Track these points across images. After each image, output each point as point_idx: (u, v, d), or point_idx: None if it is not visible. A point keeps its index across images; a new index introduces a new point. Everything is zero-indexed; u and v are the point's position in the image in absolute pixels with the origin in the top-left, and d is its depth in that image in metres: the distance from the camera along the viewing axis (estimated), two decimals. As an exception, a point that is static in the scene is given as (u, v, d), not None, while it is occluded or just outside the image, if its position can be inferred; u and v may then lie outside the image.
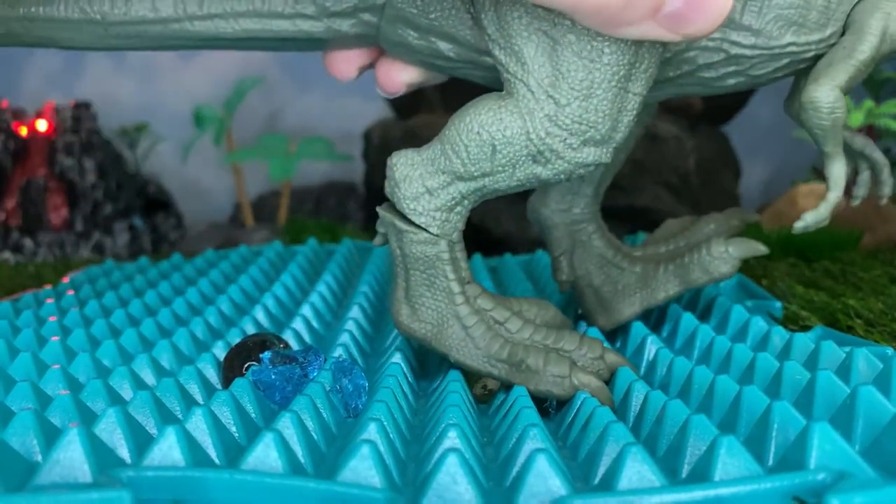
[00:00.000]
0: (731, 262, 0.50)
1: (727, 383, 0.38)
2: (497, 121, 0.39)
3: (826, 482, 0.27)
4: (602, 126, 0.39)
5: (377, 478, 0.29)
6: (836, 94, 0.41)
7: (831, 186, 0.43)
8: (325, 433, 0.36)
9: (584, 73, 0.38)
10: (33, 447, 0.32)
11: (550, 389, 0.41)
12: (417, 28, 0.41)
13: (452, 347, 0.43)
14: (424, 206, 0.41)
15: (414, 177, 0.41)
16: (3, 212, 1.08)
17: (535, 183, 0.41)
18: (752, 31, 0.41)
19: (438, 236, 0.41)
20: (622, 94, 0.39)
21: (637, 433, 0.37)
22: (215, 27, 0.44)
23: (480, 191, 0.41)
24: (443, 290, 0.42)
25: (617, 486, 0.29)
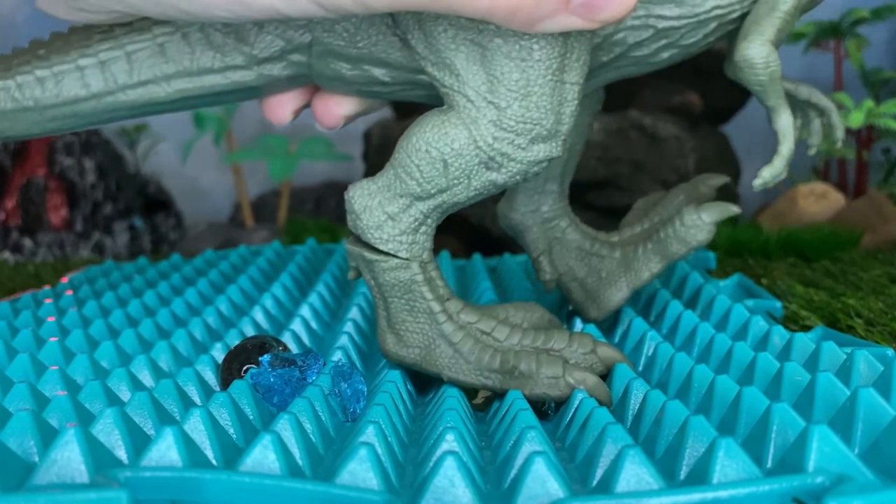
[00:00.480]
0: (706, 227, 0.50)
1: (727, 383, 0.38)
2: (443, 135, 0.39)
3: (825, 485, 0.27)
4: (546, 121, 0.39)
5: (375, 480, 0.29)
6: (767, 49, 0.42)
7: (782, 139, 0.44)
8: (324, 436, 0.36)
9: (518, 73, 0.38)
10: (31, 448, 0.32)
11: (546, 392, 0.41)
12: (348, 59, 0.42)
13: (443, 367, 0.43)
14: (389, 233, 0.41)
15: (373, 206, 0.41)
16: (3, 211, 1.08)
17: (493, 189, 0.41)
18: (675, 2, 0.41)
19: (409, 260, 0.42)
20: (560, 87, 0.39)
21: (635, 433, 0.37)
22: (149, 93, 0.43)
23: (441, 207, 0.41)
24: (424, 312, 0.42)
25: (615, 489, 0.29)
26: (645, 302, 0.57)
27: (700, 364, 0.41)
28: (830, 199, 0.93)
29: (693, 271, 0.61)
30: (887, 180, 1.05)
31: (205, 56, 0.43)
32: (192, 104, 0.45)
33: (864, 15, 1.00)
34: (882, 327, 0.53)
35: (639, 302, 0.58)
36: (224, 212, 1.30)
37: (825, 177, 1.07)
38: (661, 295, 0.56)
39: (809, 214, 0.92)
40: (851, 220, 0.87)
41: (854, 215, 0.88)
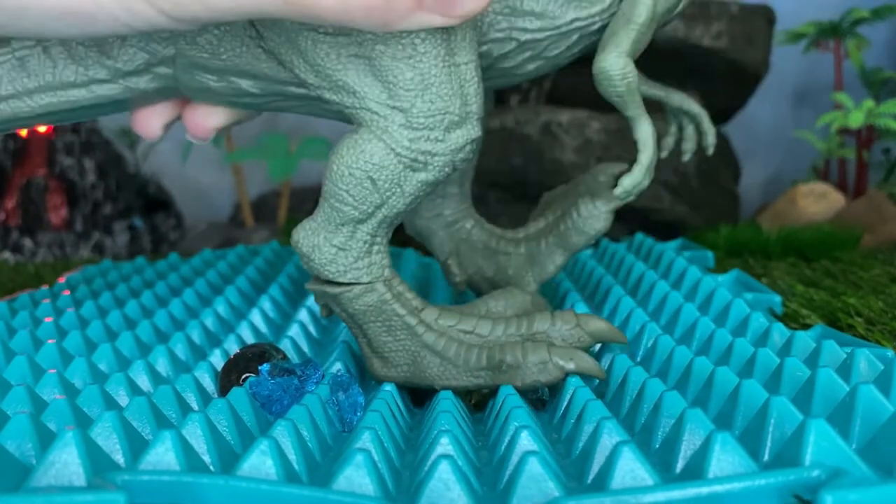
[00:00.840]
0: (603, 216, 0.50)
1: (726, 376, 0.38)
2: (360, 154, 0.39)
3: (821, 479, 0.27)
4: (453, 107, 0.39)
5: (371, 486, 0.29)
6: (623, 61, 0.42)
7: (641, 147, 0.44)
8: (321, 443, 0.36)
9: (410, 71, 0.38)
10: (28, 451, 0.32)
11: (537, 379, 0.41)
12: (214, 71, 0.41)
13: (434, 377, 0.43)
14: (344, 264, 0.41)
15: (320, 243, 0.41)
16: (3, 211, 1.08)
17: (427, 188, 0.41)
18: (535, 15, 0.42)
19: (371, 283, 0.42)
20: (454, 70, 0.39)
21: (632, 423, 0.37)
22: (12, 109, 0.42)
23: (384, 222, 0.41)
24: (402, 329, 0.42)
25: (610, 485, 0.29)
26: (643, 295, 0.57)
27: (700, 356, 0.41)
28: (830, 199, 0.93)
29: (691, 266, 0.61)
30: (887, 180, 1.05)
31: (67, 70, 0.42)
32: (59, 118, 0.44)
33: (864, 15, 0.99)
34: (882, 326, 0.52)
35: (637, 294, 0.58)
36: (224, 212, 1.30)
37: (825, 177, 1.07)
38: (659, 287, 0.56)
39: (809, 214, 0.92)
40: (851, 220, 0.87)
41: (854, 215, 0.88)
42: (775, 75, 1.03)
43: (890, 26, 1.15)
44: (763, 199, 1.19)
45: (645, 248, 0.71)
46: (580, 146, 0.86)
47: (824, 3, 1.12)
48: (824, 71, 1.12)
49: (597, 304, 0.58)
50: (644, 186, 0.45)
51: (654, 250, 0.69)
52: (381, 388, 0.42)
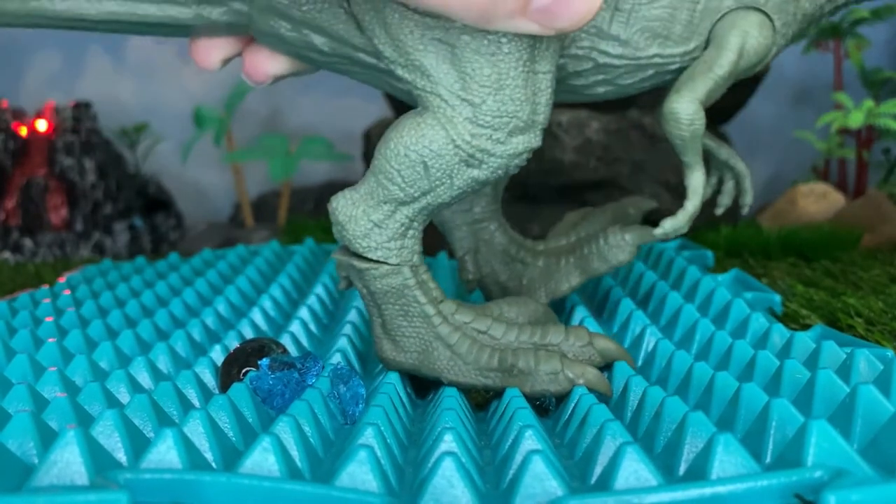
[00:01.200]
0: (628, 249, 0.51)
1: (726, 380, 0.38)
2: (420, 137, 0.39)
3: (823, 480, 0.27)
4: (522, 113, 0.39)
5: (374, 482, 0.29)
6: (695, 107, 0.42)
7: (690, 195, 0.44)
8: (323, 438, 0.36)
9: (489, 67, 0.38)
10: (30, 449, 0.32)
11: (546, 388, 0.41)
12: (290, 20, 0.41)
13: (442, 369, 0.43)
14: (376, 241, 0.41)
15: (358, 215, 0.41)
16: (3, 211, 1.08)
17: (477, 186, 0.41)
18: (619, 41, 0.42)
19: (399, 265, 0.42)
20: (532, 77, 0.39)
21: (634, 429, 0.37)
22: (77, 7, 0.42)
23: (426, 209, 0.41)
24: (419, 316, 0.42)
25: (613, 486, 0.29)
26: (643, 295, 0.57)
27: (700, 361, 0.41)
28: (830, 199, 0.93)
29: (691, 266, 0.61)
30: (887, 180, 1.05)
31: None
32: (120, 28, 0.43)
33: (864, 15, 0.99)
34: (882, 326, 0.53)
35: (637, 295, 0.58)
36: (224, 212, 1.30)
37: (825, 177, 1.07)
38: (659, 287, 0.56)
39: (809, 214, 0.92)
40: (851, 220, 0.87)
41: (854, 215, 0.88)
42: (775, 75, 1.03)
43: (890, 26, 1.15)
44: (763, 199, 1.19)
45: (645, 248, 0.71)
46: (580, 146, 0.86)
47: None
48: (824, 71, 1.12)
49: (597, 306, 0.58)
50: (683, 231, 0.45)
51: (654, 250, 0.69)
52: (382, 380, 0.42)
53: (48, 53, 1.27)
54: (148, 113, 1.27)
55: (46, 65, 1.28)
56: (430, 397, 0.45)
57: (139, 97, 1.29)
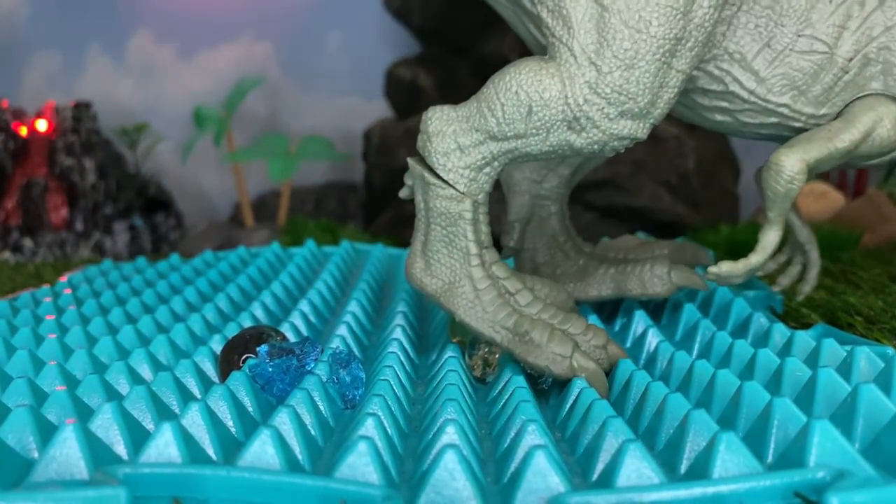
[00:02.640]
0: (668, 285, 0.50)
1: (728, 378, 0.38)
2: (536, 82, 0.39)
3: (826, 480, 0.27)
4: (641, 99, 0.39)
5: (375, 474, 0.29)
6: (801, 167, 0.42)
7: (758, 250, 0.44)
8: (323, 427, 0.36)
9: (629, 42, 0.38)
10: (29, 444, 0.32)
11: (549, 366, 0.41)
12: None
13: (460, 307, 0.43)
14: (454, 163, 0.41)
15: (447, 132, 0.41)
16: (3, 211, 1.08)
17: (567, 151, 0.40)
18: (757, 77, 0.42)
19: (464, 194, 0.42)
20: (665, 69, 0.39)
21: (636, 425, 0.37)
22: None
23: (511, 153, 0.41)
24: (460, 250, 0.43)
25: (615, 483, 0.29)
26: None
27: (700, 359, 0.41)
28: (830, 199, 0.93)
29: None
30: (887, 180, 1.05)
31: None
32: None
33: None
34: (882, 325, 0.52)
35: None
36: (224, 212, 1.30)
37: (825, 177, 1.07)
38: None
39: (809, 214, 0.92)
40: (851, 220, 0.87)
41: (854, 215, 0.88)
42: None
43: (890, 27, 1.15)
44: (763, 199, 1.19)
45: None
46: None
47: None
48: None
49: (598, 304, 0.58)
50: (735, 282, 0.45)
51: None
52: (381, 364, 0.42)
53: (48, 53, 1.27)
54: (148, 113, 1.27)
55: (46, 65, 1.28)
56: (431, 373, 0.44)
57: (139, 97, 1.29)
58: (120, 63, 1.28)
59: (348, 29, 1.26)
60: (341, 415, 0.39)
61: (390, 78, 1.14)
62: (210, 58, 1.27)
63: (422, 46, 1.16)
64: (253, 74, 1.19)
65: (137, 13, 1.27)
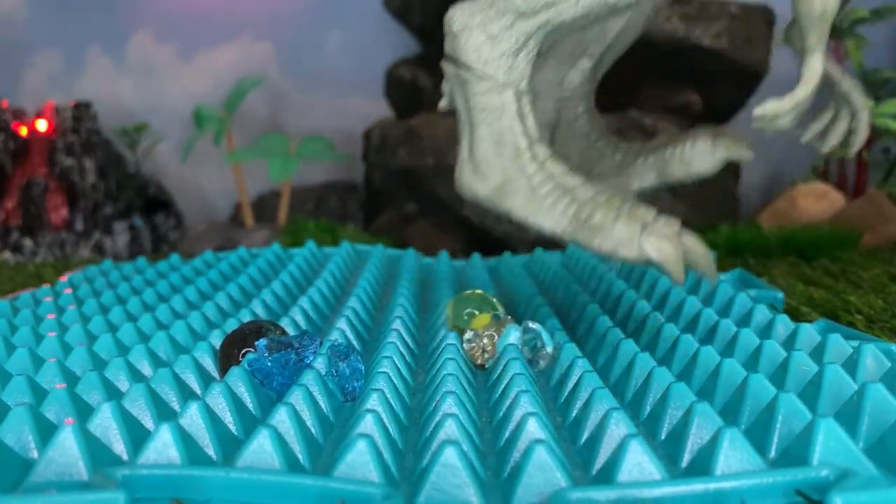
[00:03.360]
0: (714, 160, 0.47)
1: (733, 368, 0.37)
2: None
3: (829, 479, 0.27)
4: None
5: (374, 472, 0.29)
6: None
7: (802, 83, 0.41)
8: (323, 423, 0.35)
9: None
10: (29, 443, 0.32)
11: (616, 248, 0.38)
12: None
13: (517, 207, 0.40)
14: (488, 54, 0.39)
15: (473, 25, 0.39)
16: (3, 212, 1.08)
17: (604, 10, 0.38)
18: None
19: (505, 84, 0.40)
20: None
21: (638, 411, 0.37)
22: None
23: (545, 26, 0.39)
24: (509, 146, 0.40)
25: (616, 478, 0.29)
26: (646, 289, 0.57)
27: (705, 346, 0.41)
28: (830, 199, 0.93)
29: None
30: (887, 180, 1.05)
31: None
32: None
33: (864, 15, 1.00)
34: (883, 324, 0.52)
35: (640, 289, 0.58)
36: (224, 212, 1.30)
37: (825, 177, 1.07)
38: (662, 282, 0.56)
39: (809, 214, 0.92)
40: (851, 220, 0.87)
41: (854, 215, 0.88)
42: (775, 75, 1.03)
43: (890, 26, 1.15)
44: (763, 199, 1.19)
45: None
46: (580, 146, 0.86)
47: (824, 3, 1.12)
48: (824, 71, 1.12)
49: (599, 300, 0.58)
50: (782, 125, 0.41)
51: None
52: (380, 355, 0.42)
53: (48, 53, 1.27)
54: (148, 113, 1.27)
55: (46, 65, 1.28)
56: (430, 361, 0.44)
57: (139, 97, 1.29)
58: (120, 63, 1.28)
59: (348, 29, 1.26)
60: (341, 408, 0.39)
61: (390, 78, 1.14)
62: (210, 58, 1.27)
63: (422, 46, 1.15)
64: (253, 74, 1.19)
65: (137, 13, 1.27)
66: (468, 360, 0.44)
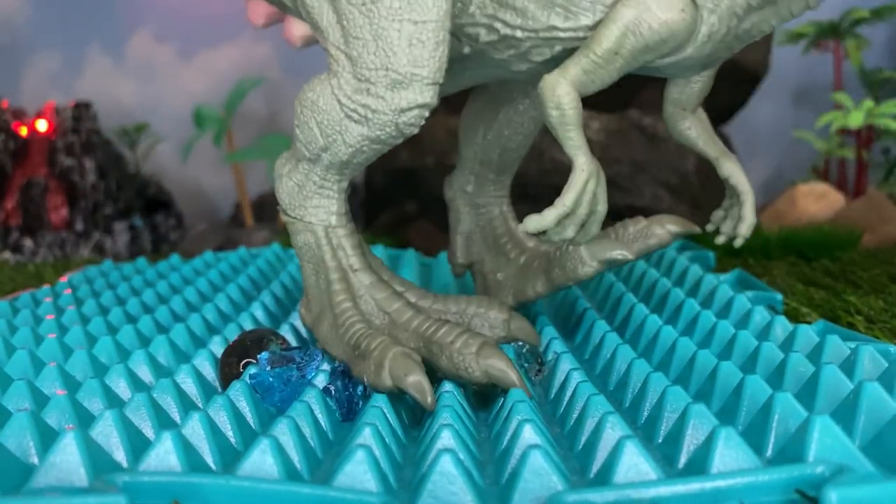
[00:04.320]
0: (588, 266, 0.46)
1: (729, 369, 0.38)
2: (311, 94, 0.40)
3: (825, 476, 0.27)
4: (398, 64, 0.37)
5: (373, 482, 0.29)
6: (562, 87, 0.37)
7: (565, 190, 0.38)
8: (322, 438, 0.36)
9: (362, 19, 0.38)
10: (29, 449, 0.32)
11: (365, 376, 0.39)
12: None
13: (322, 337, 0.43)
14: (296, 199, 0.43)
15: (284, 174, 0.43)
16: (3, 212, 1.08)
17: (373, 145, 0.40)
18: (515, 10, 0.39)
19: (312, 223, 0.43)
20: (409, 26, 0.37)
21: (634, 415, 0.37)
22: None
23: (332, 168, 0.42)
24: (324, 279, 0.43)
25: (613, 480, 0.29)
26: (645, 291, 0.57)
27: (703, 349, 0.41)
28: (830, 199, 0.93)
29: (693, 264, 0.61)
30: (887, 180, 1.05)
31: None
32: None
33: (864, 15, 1.00)
34: (883, 324, 0.52)
35: (639, 292, 0.58)
36: (224, 212, 1.30)
37: (825, 177, 1.07)
38: (661, 283, 0.56)
39: (809, 214, 0.92)
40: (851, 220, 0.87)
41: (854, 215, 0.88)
42: (775, 75, 1.03)
43: (890, 26, 1.15)
44: (763, 199, 1.19)
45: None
46: (580, 146, 0.86)
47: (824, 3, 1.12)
48: (824, 71, 1.12)
49: (598, 302, 0.58)
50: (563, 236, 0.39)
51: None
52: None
53: (48, 53, 1.27)
54: (148, 113, 1.27)
55: (46, 65, 1.28)
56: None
57: (139, 97, 1.29)
58: (120, 63, 1.28)
59: (348, 28, 1.26)
60: (340, 427, 0.39)
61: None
62: (210, 58, 1.27)
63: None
64: (253, 74, 1.19)
65: (137, 13, 1.27)
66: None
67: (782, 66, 1.12)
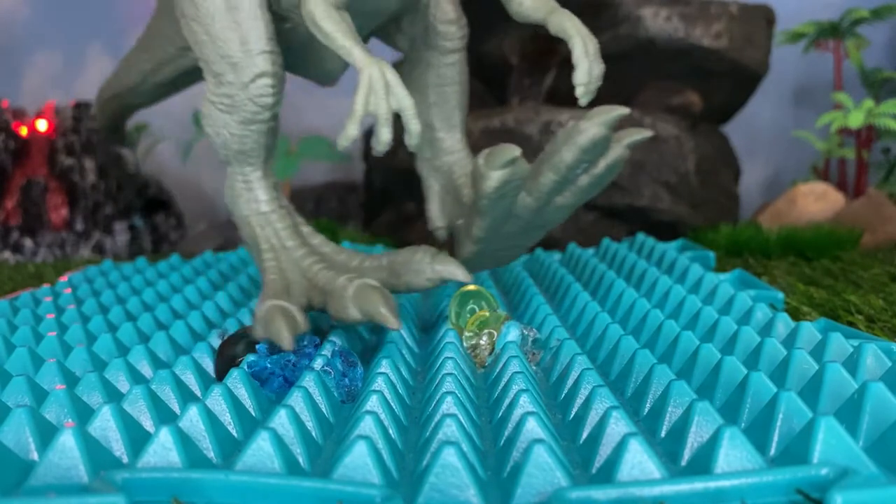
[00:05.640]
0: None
1: (733, 365, 0.37)
2: (203, 109, 0.47)
3: (829, 477, 0.27)
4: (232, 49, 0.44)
5: (374, 473, 0.29)
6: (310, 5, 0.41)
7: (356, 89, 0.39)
8: (322, 424, 0.35)
9: (196, 26, 0.45)
10: (28, 445, 0.32)
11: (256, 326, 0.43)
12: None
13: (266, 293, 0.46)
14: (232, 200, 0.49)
15: (226, 184, 0.49)
16: (3, 211, 1.08)
17: (247, 127, 0.45)
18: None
19: (248, 216, 0.48)
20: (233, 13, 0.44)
21: (638, 408, 0.37)
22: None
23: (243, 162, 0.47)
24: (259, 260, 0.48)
25: (616, 477, 0.29)
26: (646, 289, 0.57)
27: (706, 343, 0.41)
28: (830, 199, 0.93)
29: (693, 263, 0.61)
30: (887, 180, 1.05)
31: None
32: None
33: (864, 15, 1.00)
34: (883, 324, 0.52)
35: (640, 289, 0.58)
36: (224, 212, 1.30)
37: (825, 176, 1.07)
38: (662, 282, 0.56)
39: (809, 214, 0.92)
40: (851, 220, 0.87)
41: (854, 215, 0.88)
42: (775, 75, 1.03)
43: (890, 26, 1.15)
44: (763, 199, 1.19)
45: (647, 248, 0.71)
46: (580, 146, 0.86)
47: (824, 3, 1.12)
48: (824, 71, 1.12)
49: (600, 299, 0.58)
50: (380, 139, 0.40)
51: (656, 250, 0.69)
52: (380, 355, 0.42)
53: (48, 53, 1.27)
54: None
55: (46, 65, 1.28)
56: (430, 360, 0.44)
57: (139, 97, 1.29)
58: (120, 63, 1.28)
59: (348, 29, 1.26)
60: (340, 409, 0.39)
61: (390, 78, 1.13)
62: (210, 58, 1.27)
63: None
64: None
65: (137, 13, 1.27)
66: (469, 359, 0.44)
67: (782, 66, 1.12)
